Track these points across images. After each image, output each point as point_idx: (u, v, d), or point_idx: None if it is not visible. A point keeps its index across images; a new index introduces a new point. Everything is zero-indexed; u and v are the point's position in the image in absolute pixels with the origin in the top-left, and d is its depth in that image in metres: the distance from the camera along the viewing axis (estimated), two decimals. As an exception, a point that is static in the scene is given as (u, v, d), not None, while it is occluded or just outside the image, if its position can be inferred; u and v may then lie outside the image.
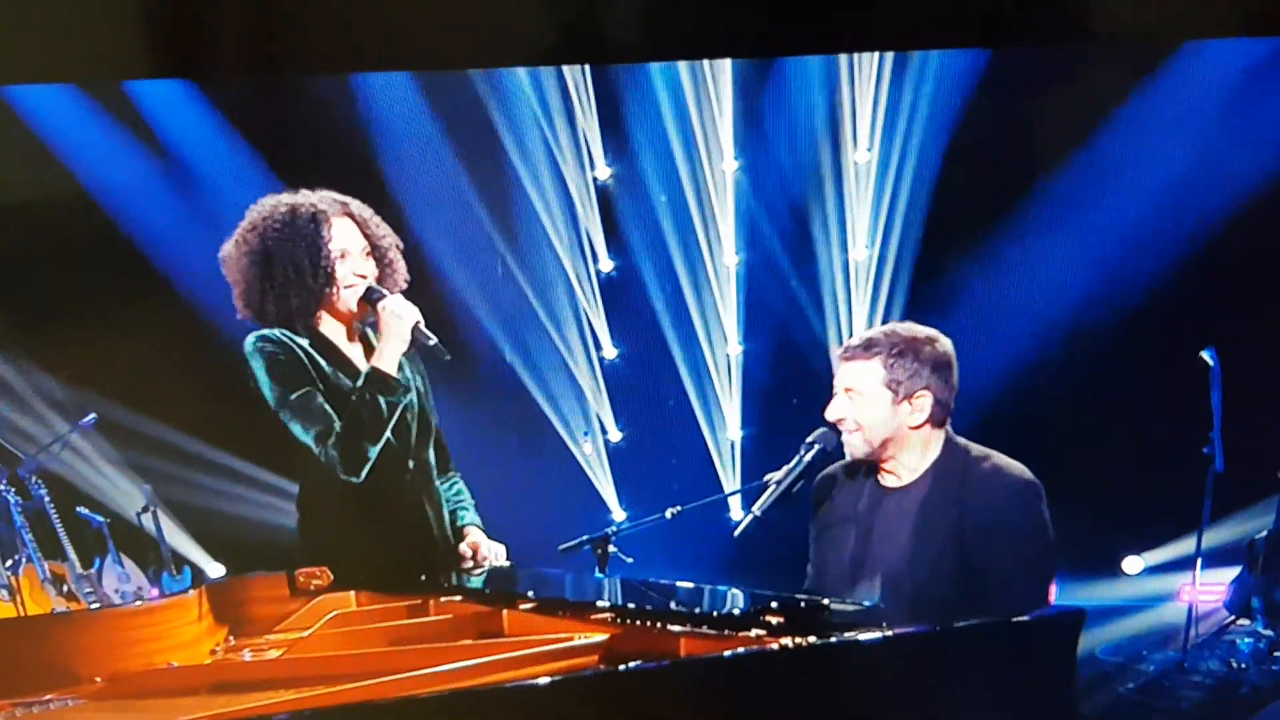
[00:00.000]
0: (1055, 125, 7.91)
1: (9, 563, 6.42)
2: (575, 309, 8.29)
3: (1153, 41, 7.53)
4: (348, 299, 4.60)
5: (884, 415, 4.35)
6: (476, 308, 8.09)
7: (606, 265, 8.39)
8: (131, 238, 7.54)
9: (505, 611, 3.86)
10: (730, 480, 8.25)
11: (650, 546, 5.71)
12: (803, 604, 3.55)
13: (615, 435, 8.38)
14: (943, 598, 4.24)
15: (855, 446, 4.41)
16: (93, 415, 6.99)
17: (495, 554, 4.70)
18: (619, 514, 8.22)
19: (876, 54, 8.05)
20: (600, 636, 3.50)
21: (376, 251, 4.65)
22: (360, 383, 4.51)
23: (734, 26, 5.87)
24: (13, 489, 6.51)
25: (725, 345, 8.41)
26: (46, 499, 6.64)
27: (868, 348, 4.38)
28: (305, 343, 4.55)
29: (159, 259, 7.53)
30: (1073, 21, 5.94)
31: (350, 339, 4.67)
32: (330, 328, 4.63)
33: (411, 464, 4.64)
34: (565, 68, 8.08)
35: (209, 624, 3.88)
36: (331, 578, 4.16)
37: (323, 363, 4.54)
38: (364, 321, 4.70)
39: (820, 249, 8.34)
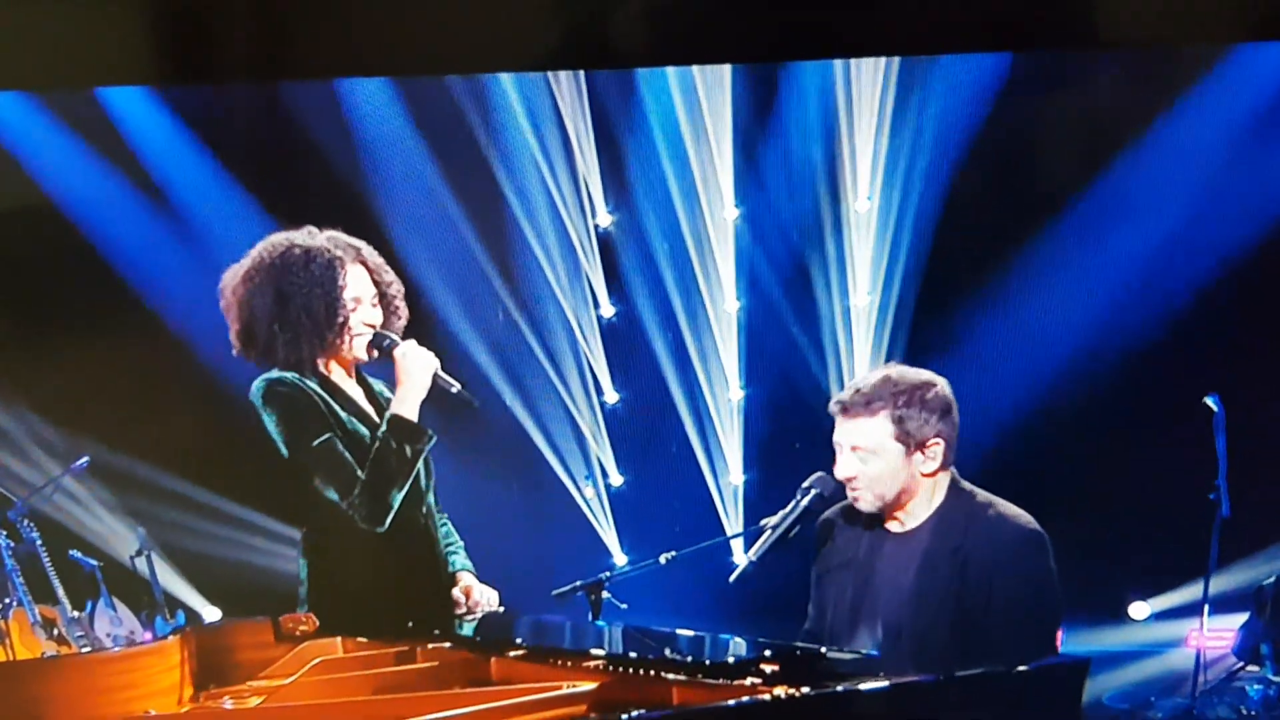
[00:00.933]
0: (1056, 171, 7.80)
1: (3, 604, 6.29)
2: (576, 354, 8.15)
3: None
4: (355, 346, 4.51)
5: (897, 468, 4.20)
6: (476, 352, 7.98)
7: (608, 310, 8.27)
8: (126, 279, 7.45)
9: (493, 659, 3.72)
10: (732, 524, 8.09)
11: (652, 591, 5.59)
12: (799, 652, 3.41)
13: (616, 479, 8.24)
14: (945, 646, 4.07)
15: (867, 502, 4.25)
16: (85, 458, 6.88)
17: (488, 599, 4.56)
18: (620, 558, 8.07)
19: (876, 104, 7.95)
20: (589, 685, 3.37)
21: (384, 299, 4.57)
22: (384, 429, 4.41)
23: (736, 32, 5.78)
24: (4, 532, 6.38)
25: (727, 390, 8.27)
26: (38, 542, 6.51)
27: (869, 403, 4.20)
28: (316, 386, 4.44)
29: (156, 301, 7.46)
30: (1083, 33, 5.84)
31: (351, 381, 4.58)
32: (334, 371, 4.54)
33: (424, 509, 4.56)
34: (566, 117, 7.99)
35: (189, 671, 3.73)
36: (317, 624, 4.00)
37: (336, 408, 4.44)
38: (364, 365, 4.59)
39: (821, 295, 8.22)
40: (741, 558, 7.37)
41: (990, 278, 7.91)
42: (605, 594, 4.41)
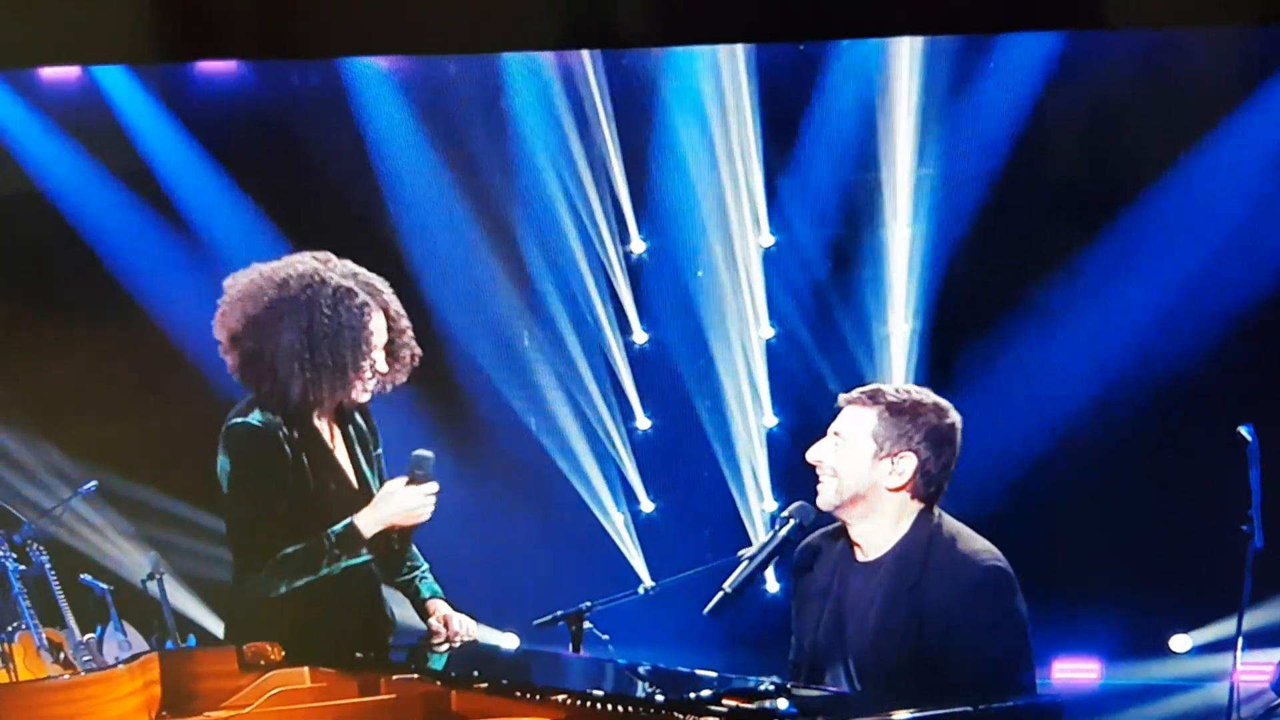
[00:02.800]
0: (1093, 195, 7.58)
1: (9, 628, 6.17)
2: (603, 379, 7.97)
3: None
4: (360, 390, 4.28)
5: (860, 467, 3.96)
6: (501, 379, 7.82)
7: (640, 337, 8.09)
8: (141, 305, 7.37)
9: (453, 693, 3.52)
10: (763, 551, 7.86)
11: (652, 620, 5.39)
12: (763, 688, 3.19)
13: (646, 506, 8.03)
14: (908, 684, 3.83)
15: (826, 495, 4.02)
16: (93, 482, 6.77)
17: (465, 627, 4.34)
18: (648, 582, 7.82)
19: (913, 128, 7.73)
20: (547, 721, 3.16)
21: (392, 346, 4.32)
22: (336, 530, 4.18)
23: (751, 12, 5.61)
24: (12, 555, 6.26)
25: (760, 417, 8.06)
26: (48, 565, 6.39)
27: (871, 396, 4.01)
28: (296, 434, 4.20)
29: (172, 331, 7.36)
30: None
31: (334, 430, 4.35)
32: (323, 420, 4.32)
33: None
34: (600, 141, 7.82)
35: (143, 700, 3.55)
36: (282, 654, 3.81)
37: (307, 462, 4.21)
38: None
39: (855, 323, 8.00)
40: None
41: (1024, 305, 7.69)
42: (587, 624, 4.19)
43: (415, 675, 3.67)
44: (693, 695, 3.21)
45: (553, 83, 7.82)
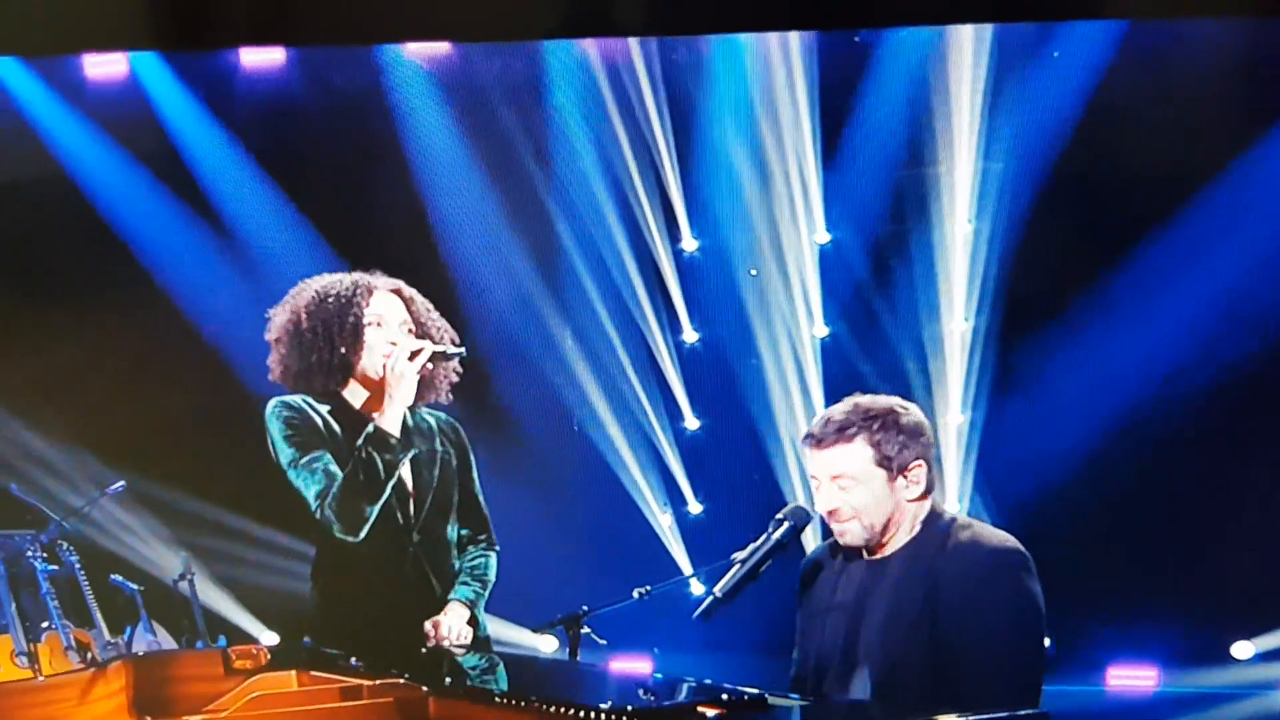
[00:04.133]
0: (1157, 188, 7.33)
1: (42, 627, 6.18)
2: (647, 379, 7.86)
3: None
4: (377, 366, 4.49)
5: (882, 495, 3.88)
6: (548, 376, 7.73)
7: (690, 336, 7.96)
8: (176, 302, 7.35)
9: (431, 699, 3.44)
10: (814, 555, 7.71)
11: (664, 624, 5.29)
12: (735, 698, 3.07)
13: (694, 507, 7.90)
14: (916, 683, 3.74)
15: (854, 535, 3.93)
16: (121, 482, 6.79)
17: (457, 634, 4.30)
18: (696, 588, 7.71)
19: (973, 121, 7.56)
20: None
21: (421, 329, 4.57)
22: (361, 440, 4.40)
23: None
24: (43, 555, 6.28)
25: (813, 417, 7.86)
26: (77, 565, 6.41)
27: (842, 429, 3.90)
28: (325, 409, 4.49)
29: (206, 329, 7.36)
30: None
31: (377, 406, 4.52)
32: (357, 396, 4.55)
33: (417, 536, 4.49)
34: (650, 138, 7.72)
35: (118, 704, 3.50)
36: (268, 657, 3.74)
37: (338, 430, 4.46)
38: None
39: (912, 321, 7.83)
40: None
41: (1084, 301, 7.47)
42: (585, 629, 4.08)
43: (401, 680, 3.56)
44: (667, 704, 3.06)
45: (597, 76, 7.72)
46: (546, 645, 7.20)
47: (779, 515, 4.04)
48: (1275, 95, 7.22)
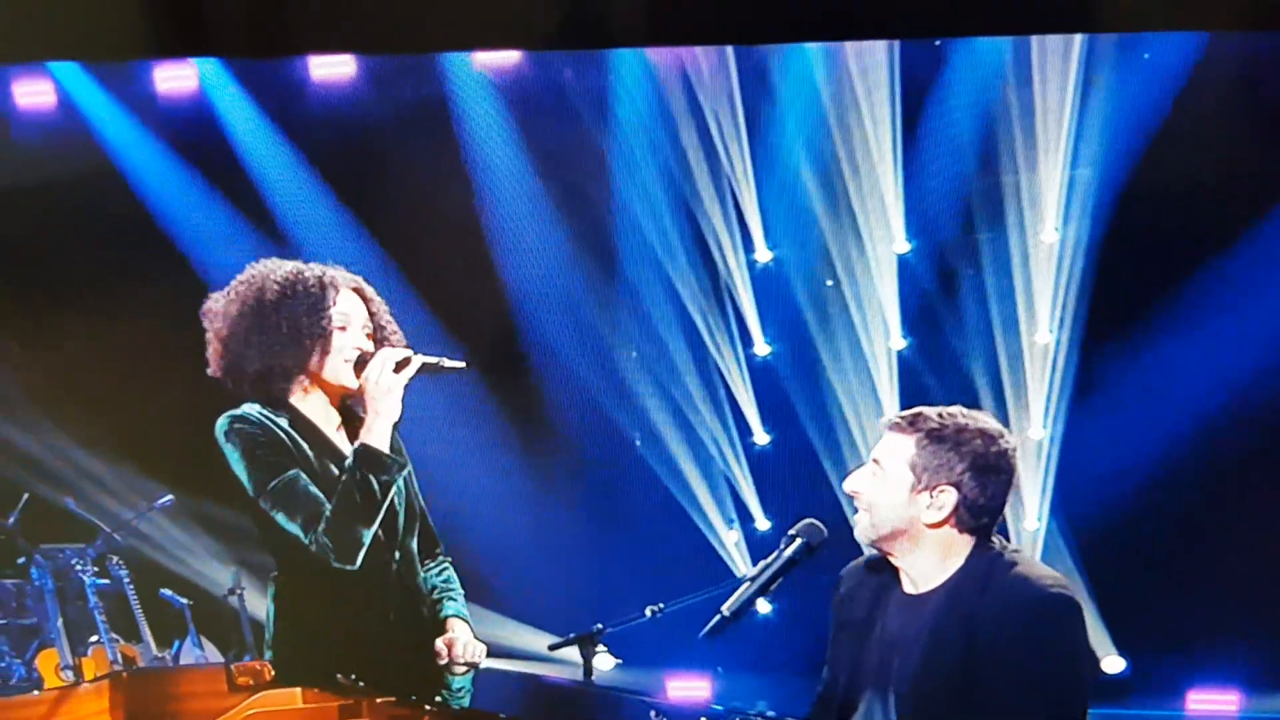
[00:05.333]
0: (1240, 197, 7.18)
1: (90, 640, 6.26)
2: (715, 393, 7.79)
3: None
4: (342, 372, 4.26)
5: (897, 500, 3.72)
6: (605, 393, 7.70)
7: (762, 349, 7.88)
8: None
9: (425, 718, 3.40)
10: (885, 575, 7.60)
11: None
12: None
13: (762, 524, 7.81)
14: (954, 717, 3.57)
15: (862, 528, 3.81)
16: (169, 496, 6.84)
17: (473, 652, 4.22)
18: (763, 606, 7.63)
19: (1063, 128, 7.42)
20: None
21: (378, 333, 4.33)
22: (351, 461, 4.16)
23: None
24: (94, 569, 6.36)
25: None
26: (126, 579, 6.48)
27: (911, 422, 3.77)
28: (284, 422, 4.22)
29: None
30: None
31: (332, 418, 4.33)
32: (311, 405, 4.30)
33: (398, 554, 4.28)
34: (722, 149, 7.66)
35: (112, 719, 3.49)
36: (272, 674, 3.73)
37: (304, 444, 4.21)
38: (355, 400, 4.31)
39: (992, 333, 7.69)
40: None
41: (1171, 311, 7.31)
42: (600, 649, 4.02)
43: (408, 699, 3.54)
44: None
45: (664, 85, 7.69)
46: (603, 663, 7.15)
47: (792, 531, 3.94)
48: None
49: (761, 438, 7.88)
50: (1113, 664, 7.12)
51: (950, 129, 7.59)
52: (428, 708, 3.52)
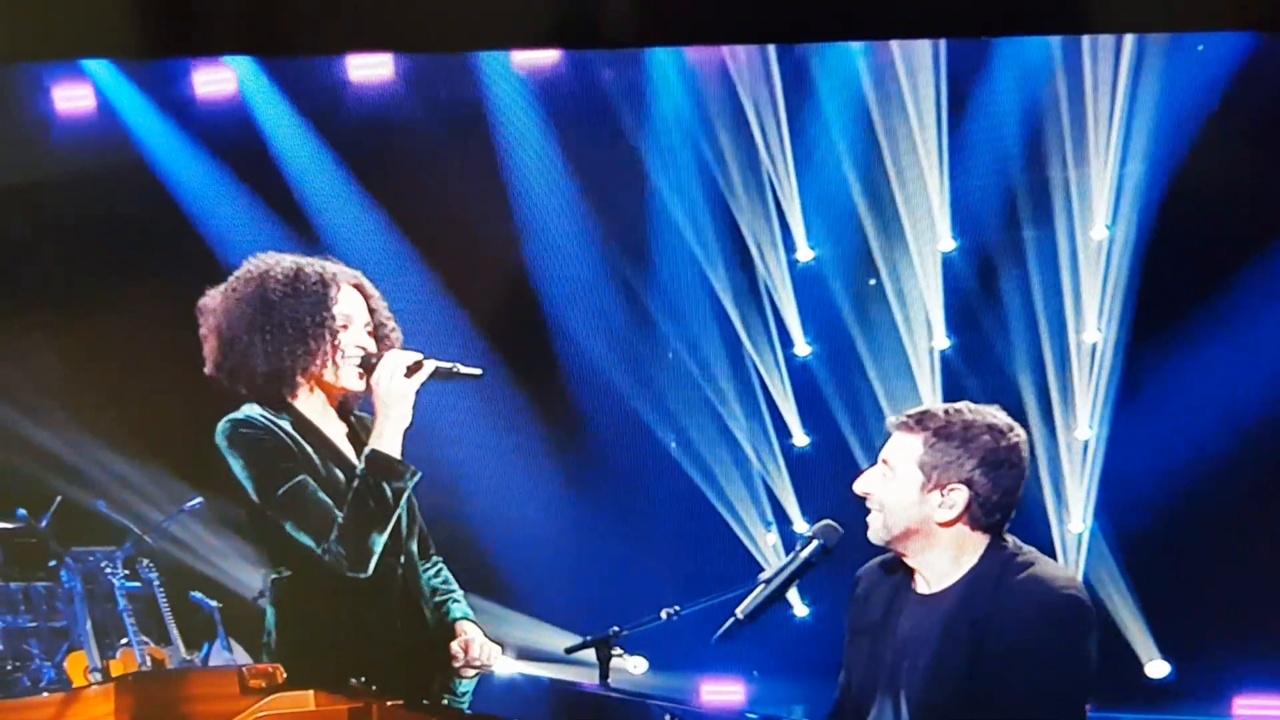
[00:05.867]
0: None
1: (121, 643, 6.33)
2: (757, 394, 7.78)
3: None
4: (345, 373, 4.25)
5: (908, 501, 3.78)
6: (639, 394, 7.69)
7: (803, 349, 7.86)
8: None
9: (431, 720, 3.43)
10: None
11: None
12: None
13: (800, 527, 7.80)
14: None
15: (874, 530, 3.88)
16: (199, 499, 6.89)
17: (489, 654, 4.23)
18: (800, 609, 7.61)
19: (1114, 123, 7.38)
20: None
21: (379, 330, 4.33)
22: (362, 467, 4.15)
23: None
24: (125, 572, 6.42)
25: (927, 434, 7.72)
26: (156, 582, 6.55)
27: (919, 420, 3.83)
28: (286, 424, 4.20)
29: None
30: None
31: (333, 418, 4.30)
32: (312, 406, 4.29)
33: (402, 559, 4.28)
34: (763, 147, 7.66)
35: (119, 720, 3.53)
36: (284, 676, 3.76)
37: (307, 447, 4.20)
38: (359, 399, 4.32)
39: (1039, 332, 7.64)
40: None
41: (1214, 308, 7.23)
42: (617, 652, 4.03)
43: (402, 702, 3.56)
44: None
45: (703, 83, 7.69)
46: (636, 666, 7.17)
47: (808, 533, 3.96)
48: None
49: (801, 439, 7.86)
50: (1157, 669, 7.06)
51: (997, 125, 7.56)
52: (436, 710, 3.53)
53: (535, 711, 3.95)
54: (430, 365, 4.21)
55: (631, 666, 4.35)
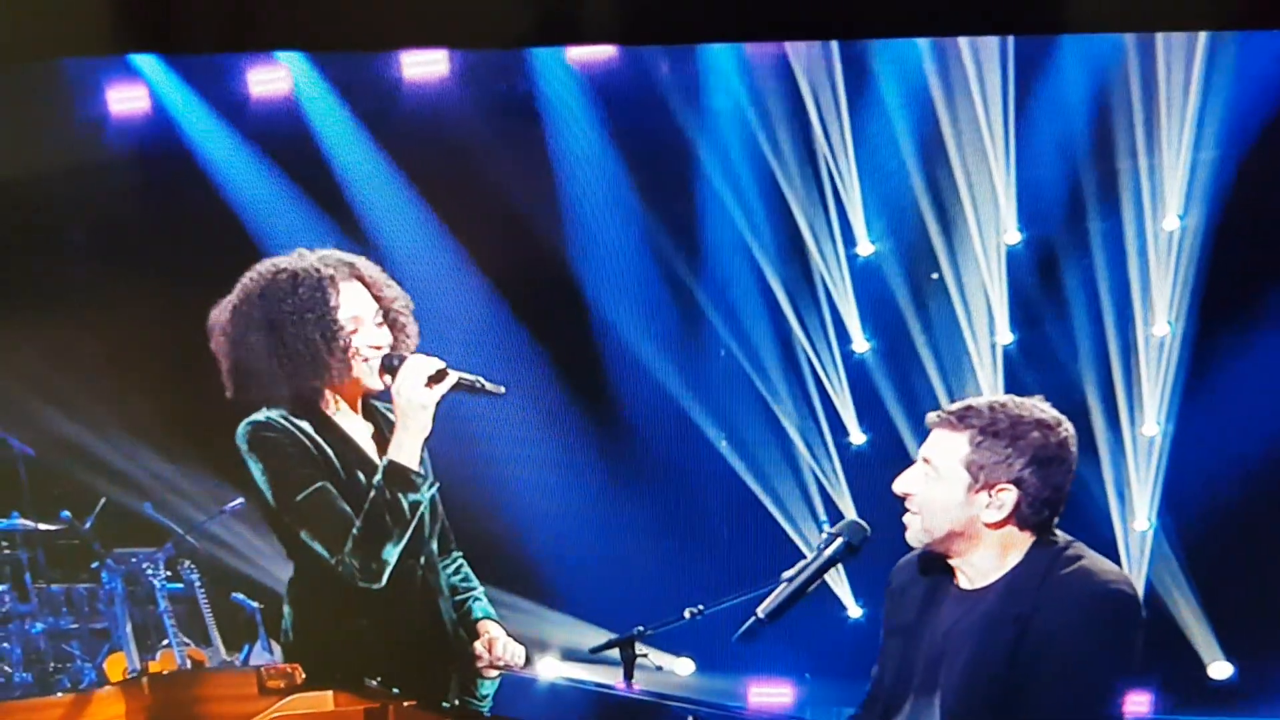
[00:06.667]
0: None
1: (162, 644, 6.44)
2: (811, 391, 7.77)
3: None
4: (361, 373, 4.32)
5: (953, 502, 3.74)
6: (687, 392, 7.71)
7: (861, 345, 7.85)
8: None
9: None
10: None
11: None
12: None
13: (859, 528, 7.78)
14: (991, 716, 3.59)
15: (913, 532, 3.84)
16: (240, 499, 6.97)
17: (513, 654, 4.29)
18: (854, 610, 7.61)
19: (1188, 110, 7.33)
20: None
21: (388, 316, 4.38)
22: (379, 479, 4.21)
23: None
24: (167, 573, 6.54)
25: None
26: (198, 583, 6.64)
27: (962, 418, 3.79)
28: (308, 426, 4.27)
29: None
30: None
31: (356, 417, 4.36)
32: (333, 407, 4.36)
33: (422, 559, 4.36)
34: (824, 141, 7.67)
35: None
36: (303, 677, 3.83)
37: (329, 450, 4.27)
38: (380, 395, 4.37)
39: (1104, 326, 7.59)
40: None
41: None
42: (642, 652, 4.07)
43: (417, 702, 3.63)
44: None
45: (759, 77, 7.70)
46: (683, 668, 7.22)
47: (832, 530, 3.95)
48: None
49: (858, 437, 7.86)
50: (1220, 669, 7.01)
51: (1063, 117, 7.53)
52: (452, 710, 3.59)
53: (554, 714, 3.97)
54: (453, 377, 4.26)
55: (679, 668, 4.38)
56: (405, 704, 3.65)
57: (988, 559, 3.72)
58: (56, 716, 3.49)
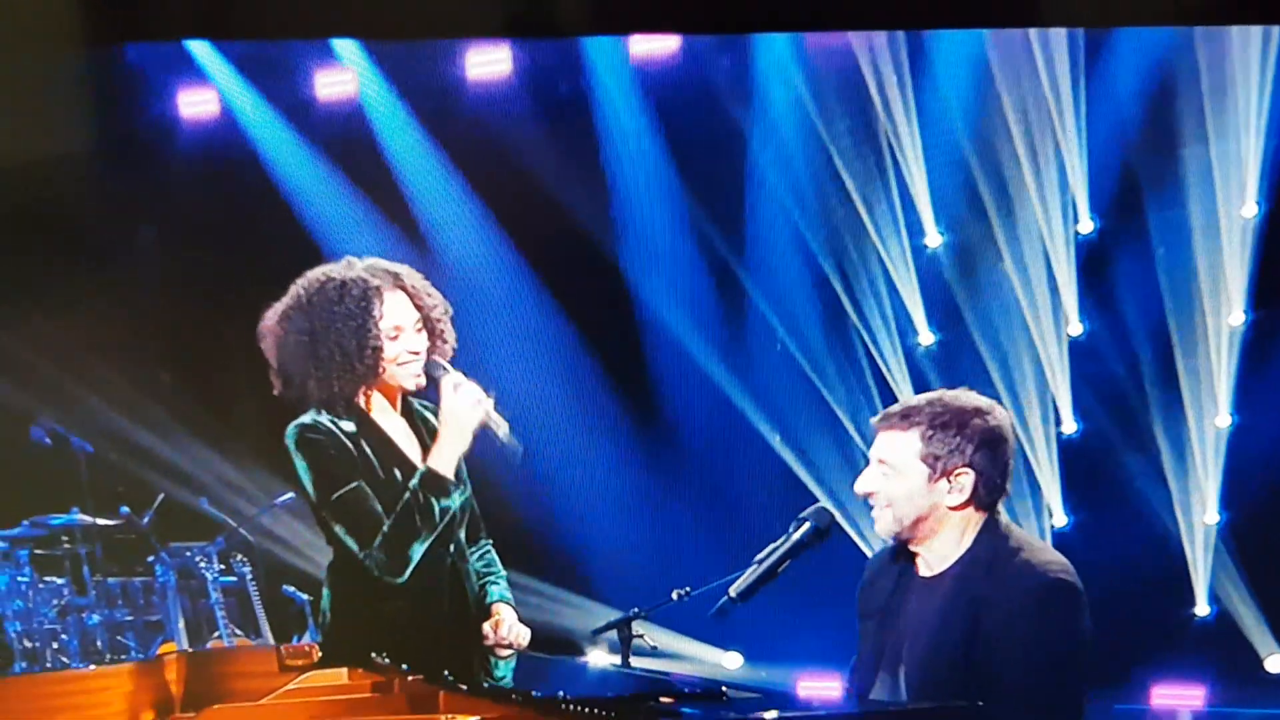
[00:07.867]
0: None
1: (213, 636, 6.78)
2: (870, 386, 7.97)
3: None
4: (401, 376, 4.71)
5: (916, 492, 4.11)
6: (741, 389, 7.94)
7: (926, 339, 8.03)
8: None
9: (441, 694, 3.81)
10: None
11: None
12: (691, 689, 3.36)
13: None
14: (959, 703, 3.90)
15: (884, 524, 4.19)
16: (289, 494, 7.27)
17: (517, 635, 4.66)
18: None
19: (1267, 101, 7.45)
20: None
21: (428, 324, 4.76)
22: (415, 482, 4.62)
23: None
24: (220, 566, 6.89)
25: (1057, 424, 7.85)
26: (248, 576, 7.00)
27: (905, 417, 4.16)
28: (351, 427, 4.65)
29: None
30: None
31: (396, 416, 4.77)
32: (375, 405, 4.74)
33: (452, 547, 4.72)
34: (889, 132, 7.86)
35: (156, 697, 3.98)
36: (319, 655, 4.19)
37: (368, 450, 4.65)
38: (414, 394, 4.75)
39: (1178, 315, 7.71)
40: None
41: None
42: (639, 633, 4.38)
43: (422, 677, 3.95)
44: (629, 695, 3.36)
45: (819, 69, 7.88)
46: (731, 662, 7.46)
47: (801, 515, 4.26)
48: None
49: (921, 435, 7.97)
50: (1275, 663, 7.14)
51: (1130, 105, 7.65)
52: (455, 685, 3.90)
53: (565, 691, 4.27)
54: (487, 410, 4.70)
55: (727, 662, 4.69)
56: (410, 678, 3.98)
57: (948, 543, 4.08)
58: (91, 687, 3.85)
